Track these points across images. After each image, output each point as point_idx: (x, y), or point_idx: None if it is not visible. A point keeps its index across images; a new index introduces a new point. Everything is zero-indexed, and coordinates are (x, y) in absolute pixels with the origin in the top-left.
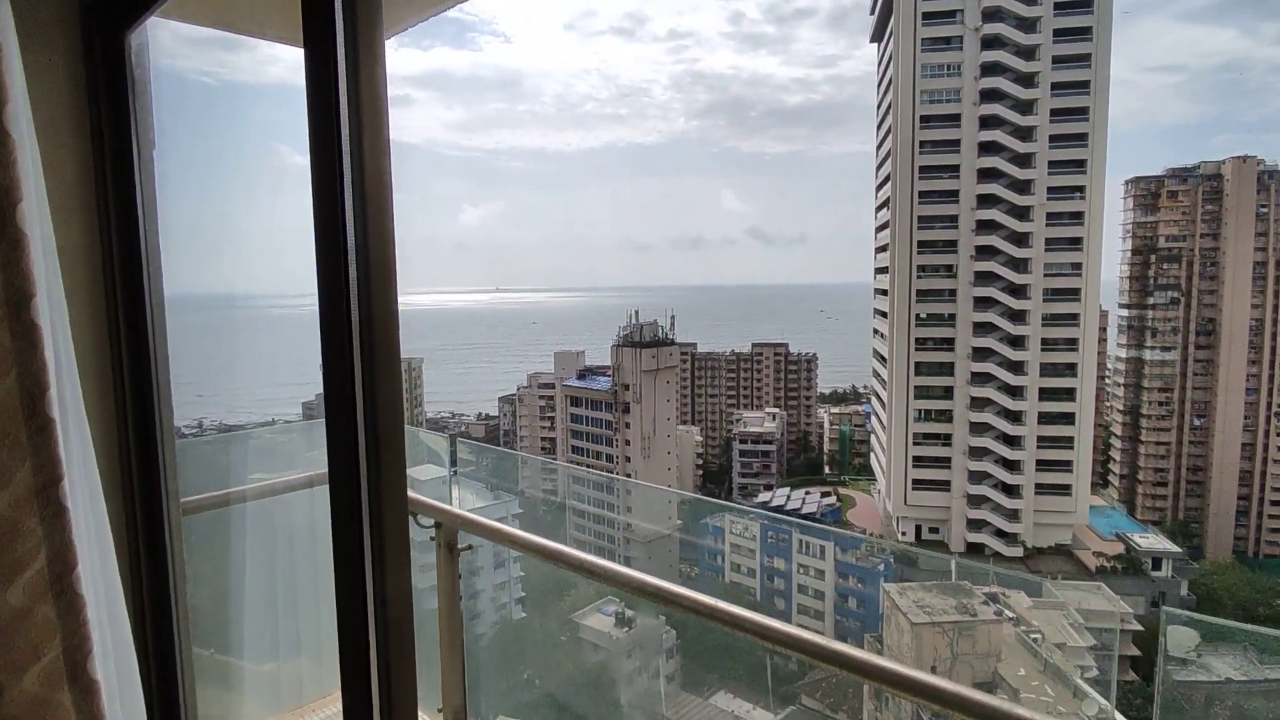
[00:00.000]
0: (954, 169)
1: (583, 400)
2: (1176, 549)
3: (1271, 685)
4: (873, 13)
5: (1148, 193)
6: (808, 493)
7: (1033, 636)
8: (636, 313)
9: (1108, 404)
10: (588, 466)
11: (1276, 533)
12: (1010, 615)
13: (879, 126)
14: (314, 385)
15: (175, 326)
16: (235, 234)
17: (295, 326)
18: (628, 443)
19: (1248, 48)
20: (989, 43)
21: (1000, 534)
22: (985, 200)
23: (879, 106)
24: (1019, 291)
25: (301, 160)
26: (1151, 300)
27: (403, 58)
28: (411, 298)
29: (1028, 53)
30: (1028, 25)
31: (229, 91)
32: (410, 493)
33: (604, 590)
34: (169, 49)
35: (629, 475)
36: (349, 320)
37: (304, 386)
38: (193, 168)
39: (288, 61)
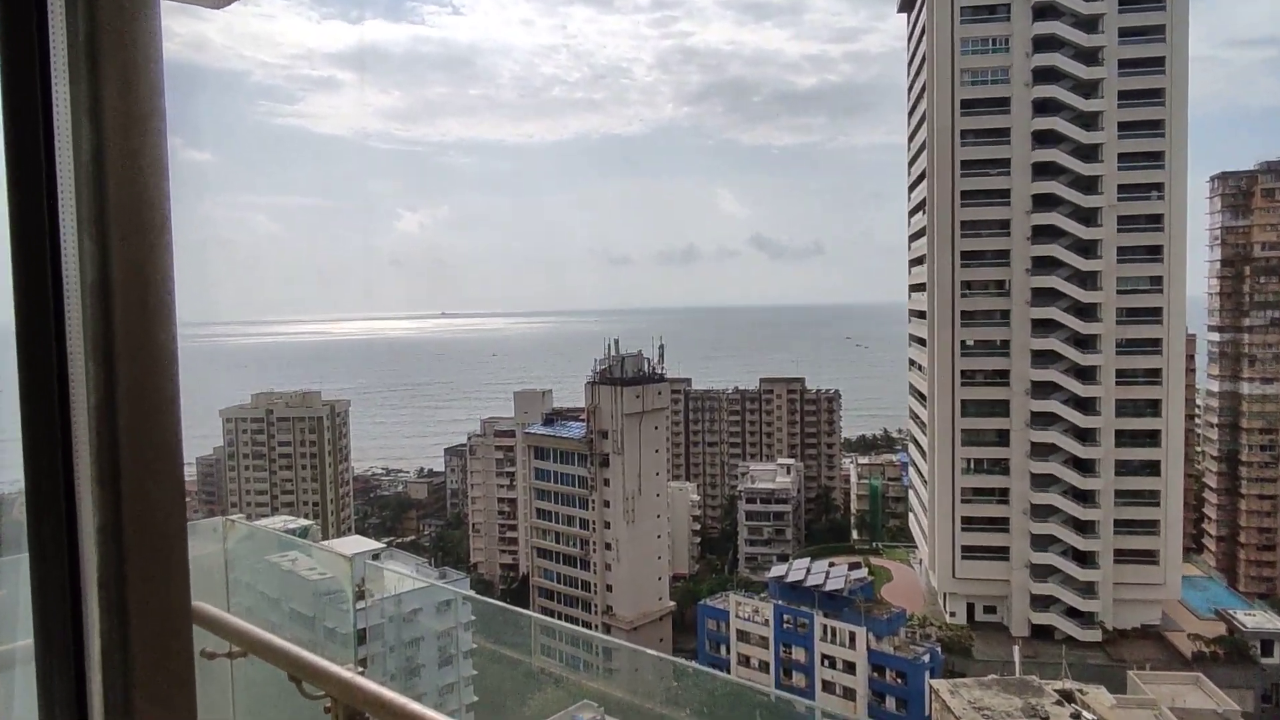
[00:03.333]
0: (1004, 164)
1: (550, 452)
2: None
3: None
4: None
5: (1238, 191)
6: (832, 564)
7: None
8: (616, 342)
9: (1199, 449)
10: (556, 535)
11: None
12: (1090, 718)
13: (911, 113)
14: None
15: None
16: None
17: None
18: (607, 504)
19: None
20: (1042, 12)
21: (1072, 613)
22: (1043, 201)
23: (910, 89)
24: (1087, 312)
25: None
26: (1248, 321)
27: (325, 31)
28: (333, 326)
29: (1089, 24)
30: None
31: None
32: (301, 652)
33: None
34: None
35: (609, 544)
36: (60, 381)
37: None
38: None
39: None
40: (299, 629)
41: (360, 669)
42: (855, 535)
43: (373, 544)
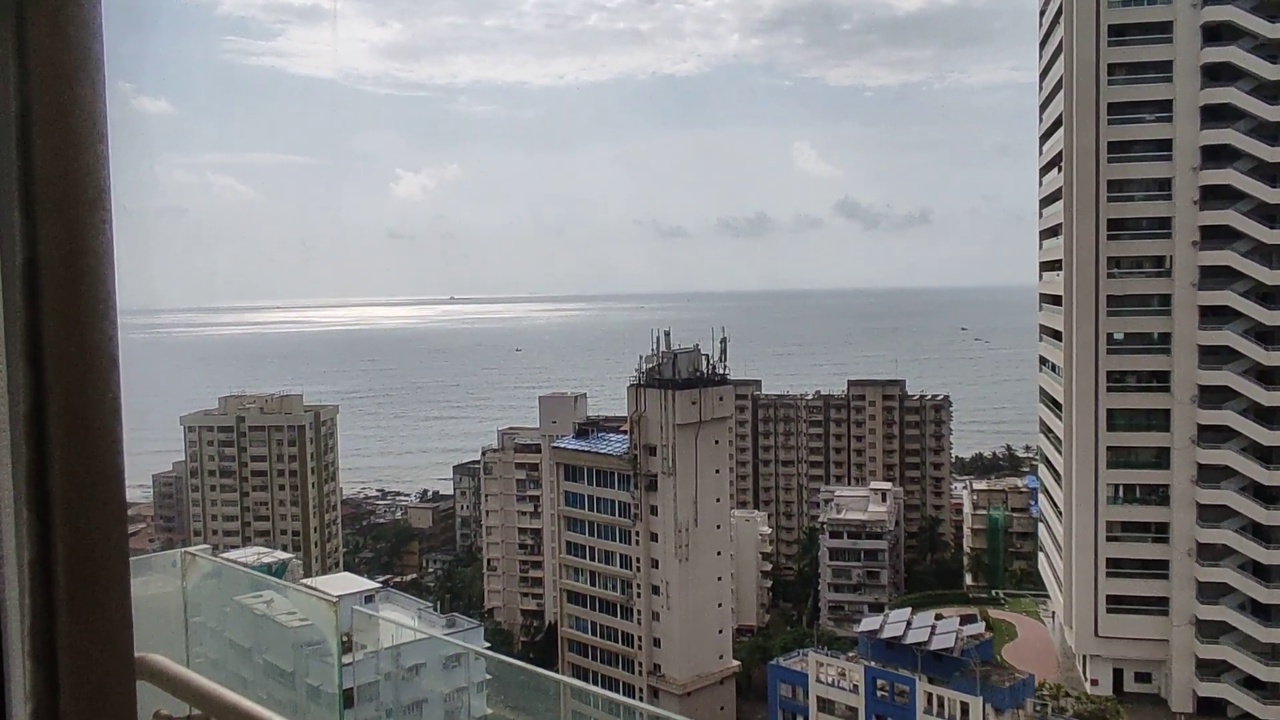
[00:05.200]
0: (1164, 107)
1: (585, 471)
2: None
3: None
4: None
5: None
6: (940, 617)
7: None
8: (667, 334)
9: None
10: (592, 575)
11: None
12: None
13: (1043, 43)
14: None
15: None
16: None
17: None
18: (655, 537)
19: None
20: None
21: (1251, 683)
22: (1215, 154)
23: (1043, 13)
24: (1273, 297)
25: None
26: None
27: None
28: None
29: None
30: None
31: None
32: (276, 718)
33: None
34: None
35: (656, 588)
36: None
37: None
38: None
39: None
40: (275, 685)
41: None
42: (969, 580)
43: (365, 583)
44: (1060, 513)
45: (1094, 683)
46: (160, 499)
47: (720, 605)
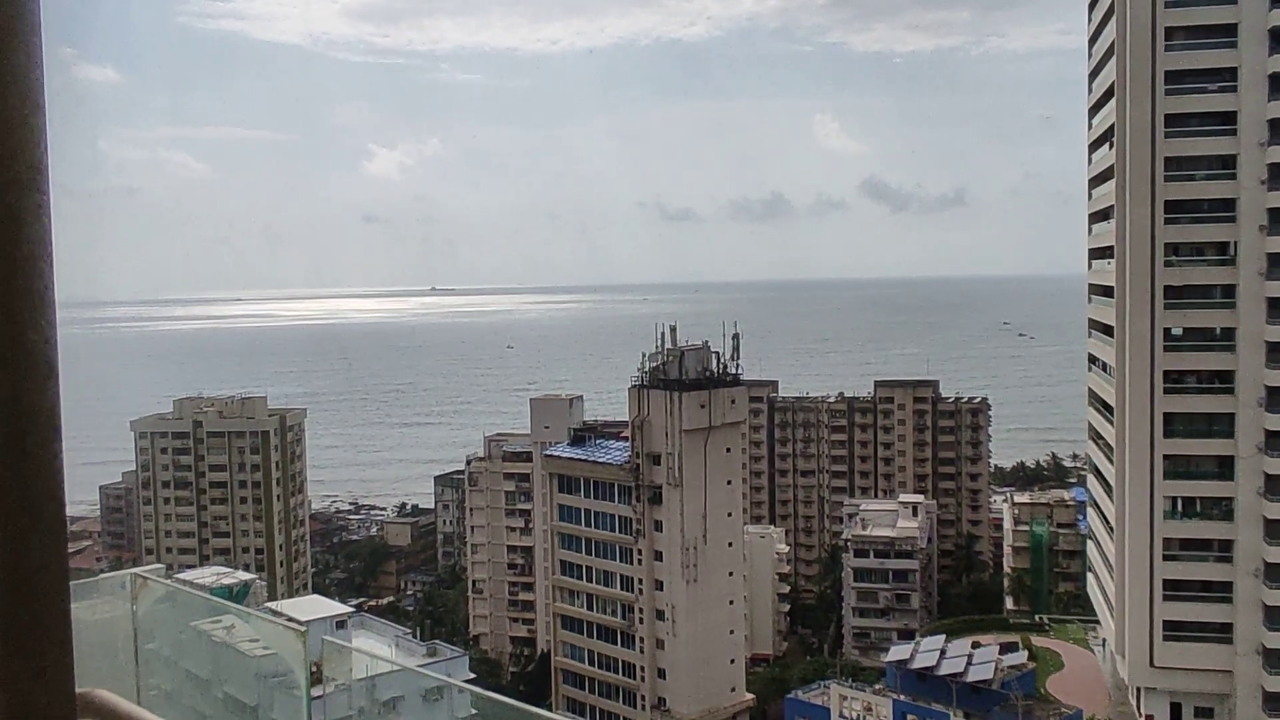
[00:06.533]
0: (1228, 76)
1: (581, 483)
2: None
3: None
4: None
5: None
6: (977, 644)
7: None
8: (672, 328)
9: None
10: (589, 598)
11: None
12: None
13: (1092, 4)
14: None
15: None
16: None
17: None
18: (659, 556)
19: None
20: None
21: None
22: None
23: None
24: None
25: None
26: None
27: None
28: (283, 305)
29: None
30: None
31: None
32: None
33: None
34: None
35: (661, 612)
36: None
37: None
38: None
39: None
40: None
41: None
42: (1010, 604)
43: (337, 607)
44: (1111, 529)
45: (1149, 718)
46: (108, 513)
47: (732, 632)
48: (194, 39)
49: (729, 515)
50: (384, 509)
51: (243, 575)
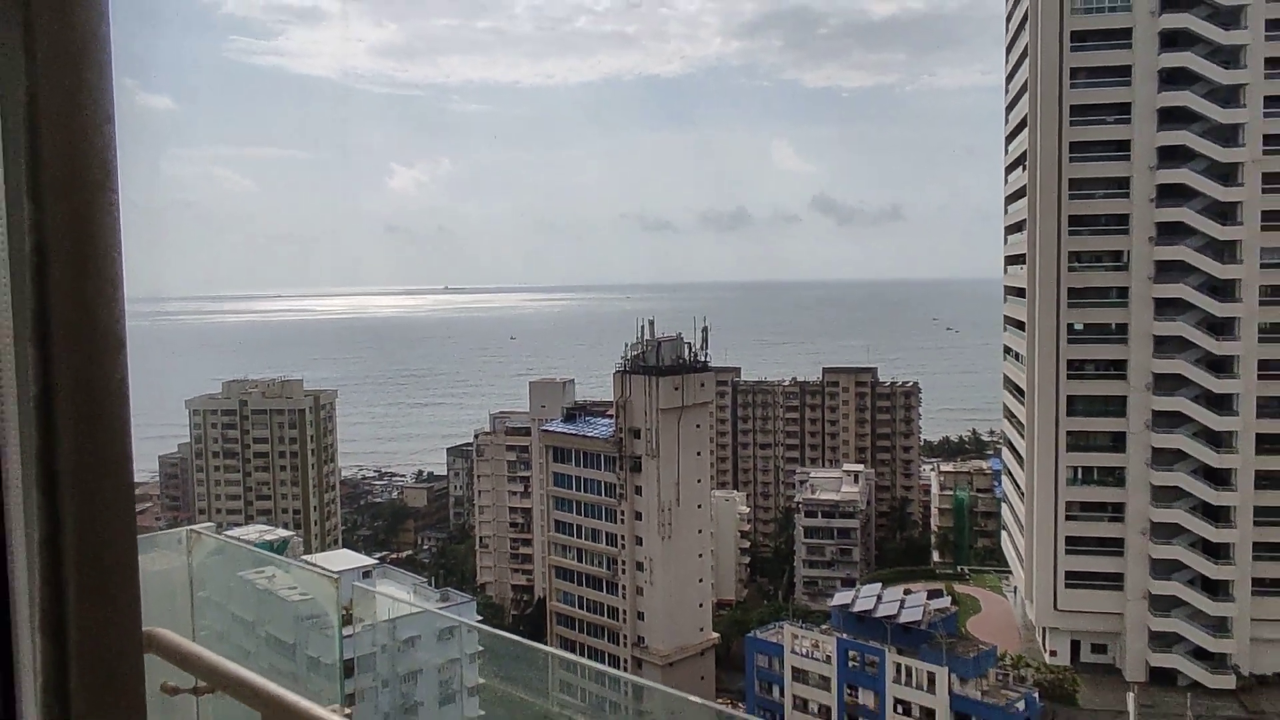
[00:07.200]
0: (1123, 110)
1: (572, 454)
2: None
3: None
4: None
5: None
6: (908, 591)
7: None
8: (651, 322)
9: None
10: (579, 552)
11: None
12: None
13: (1010, 48)
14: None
15: None
16: None
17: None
18: (639, 516)
19: None
20: None
21: (1200, 654)
22: (1170, 155)
23: (1009, 18)
24: (1224, 290)
25: None
26: None
27: None
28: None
29: None
30: None
31: None
32: (279, 691)
33: None
34: None
35: (640, 564)
36: None
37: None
38: None
39: None
40: (277, 657)
41: (347, 711)
42: (936, 557)
43: (363, 559)
44: (1022, 493)
45: (1053, 654)
46: (166, 479)
47: (701, 580)
48: (240, 72)
49: (698, 481)
50: (404, 476)
51: (282, 532)
